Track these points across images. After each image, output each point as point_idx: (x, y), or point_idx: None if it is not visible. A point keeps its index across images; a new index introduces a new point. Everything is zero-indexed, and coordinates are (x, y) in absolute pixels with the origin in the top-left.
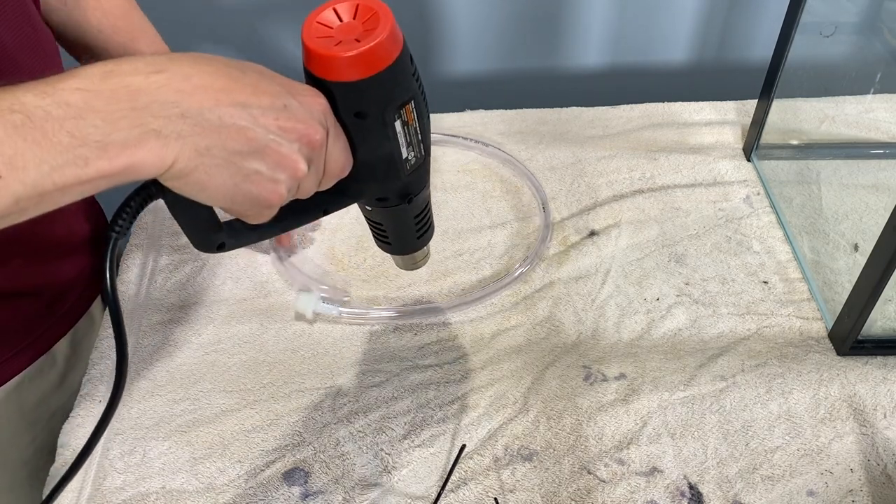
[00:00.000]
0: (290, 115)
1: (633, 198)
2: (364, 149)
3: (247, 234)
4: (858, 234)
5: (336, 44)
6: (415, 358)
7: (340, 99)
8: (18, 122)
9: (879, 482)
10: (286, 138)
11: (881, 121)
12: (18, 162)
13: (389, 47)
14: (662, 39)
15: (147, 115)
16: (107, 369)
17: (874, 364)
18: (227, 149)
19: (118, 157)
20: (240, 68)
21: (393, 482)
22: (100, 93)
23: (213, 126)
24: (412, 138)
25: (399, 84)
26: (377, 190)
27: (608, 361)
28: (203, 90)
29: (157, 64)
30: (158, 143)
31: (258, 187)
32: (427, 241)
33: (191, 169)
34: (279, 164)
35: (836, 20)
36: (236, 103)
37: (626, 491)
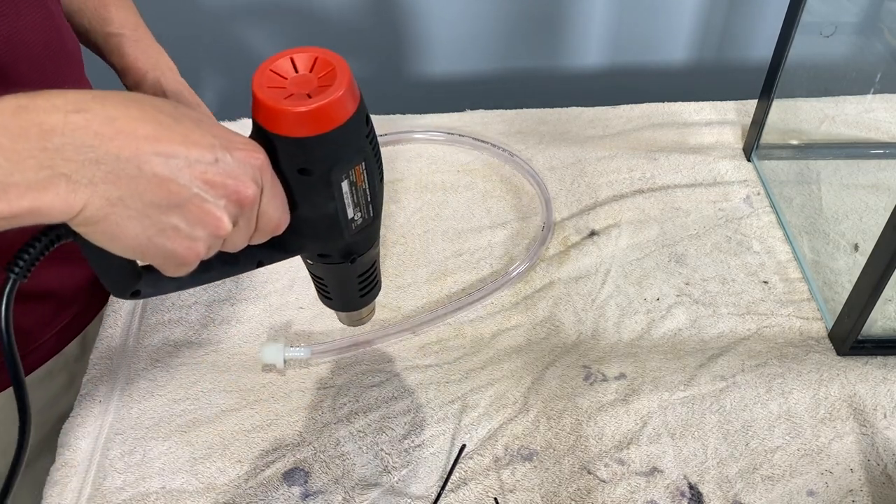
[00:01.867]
0: (219, 169)
1: (633, 198)
2: (306, 206)
3: (166, 284)
4: (858, 234)
5: (287, 96)
6: (415, 358)
7: (284, 154)
8: None
9: (879, 482)
10: (211, 194)
11: (881, 121)
12: None
13: (342, 106)
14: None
15: (58, 157)
16: (107, 369)
17: (874, 364)
18: (142, 200)
19: (20, 199)
20: (173, 116)
21: (393, 482)
22: (7, 129)
23: (130, 176)
24: (360, 199)
25: (349, 145)
26: (319, 247)
27: (608, 361)
28: (125, 136)
29: (78, 102)
30: (67, 187)
31: (173, 243)
32: (371, 299)
33: (100, 217)
34: (200, 220)
35: (836, 20)
36: (160, 153)
37: (626, 491)
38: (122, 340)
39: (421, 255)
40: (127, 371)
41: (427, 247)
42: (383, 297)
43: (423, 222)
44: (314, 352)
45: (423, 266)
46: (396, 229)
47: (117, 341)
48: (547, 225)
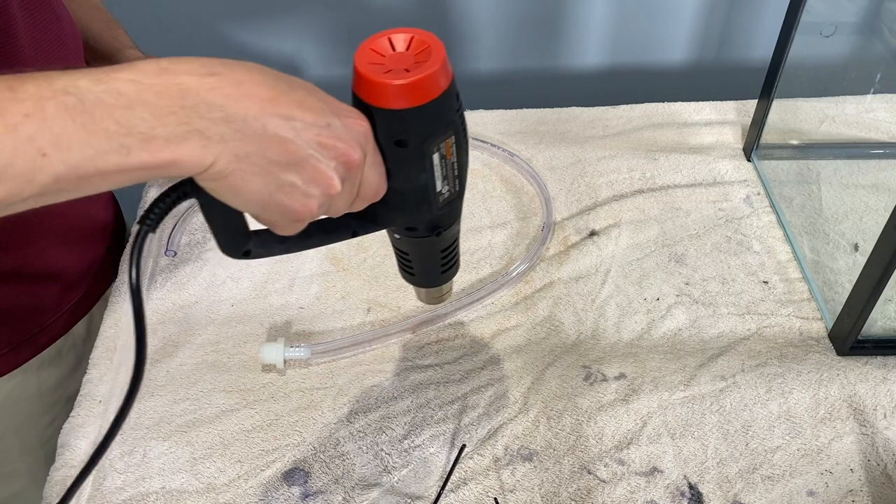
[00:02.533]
0: (331, 133)
1: (633, 198)
2: (399, 177)
3: (274, 246)
4: (858, 234)
5: (386, 71)
6: (415, 358)
7: (383, 126)
8: (70, 105)
9: (879, 482)
10: (324, 155)
11: (881, 121)
12: (64, 142)
13: (438, 80)
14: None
15: (194, 114)
16: (107, 369)
17: (874, 364)
18: (265, 158)
19: (161, 151)
20: (288, 82)
21: (393, 482)
22: (152, 87)
23: (256, 134)
24: (448, 172)
25: (443, 117)
26: (407, 220)
27: (608, 361)
28: (251, 98)
29: (210, 67)
30: (201, 143)
31: (291, 199)
32: (451, 276)
33: (228, 172)
34: (314, 179)
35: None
36: (281, 115)
37: (626, 491)
38: (122, 340)
39: None
40: (127, 371)
41: None
42: (383, 296)
43: None
44: (314, 352)
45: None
46: None
47: (117, 341)
48: (547, 225)
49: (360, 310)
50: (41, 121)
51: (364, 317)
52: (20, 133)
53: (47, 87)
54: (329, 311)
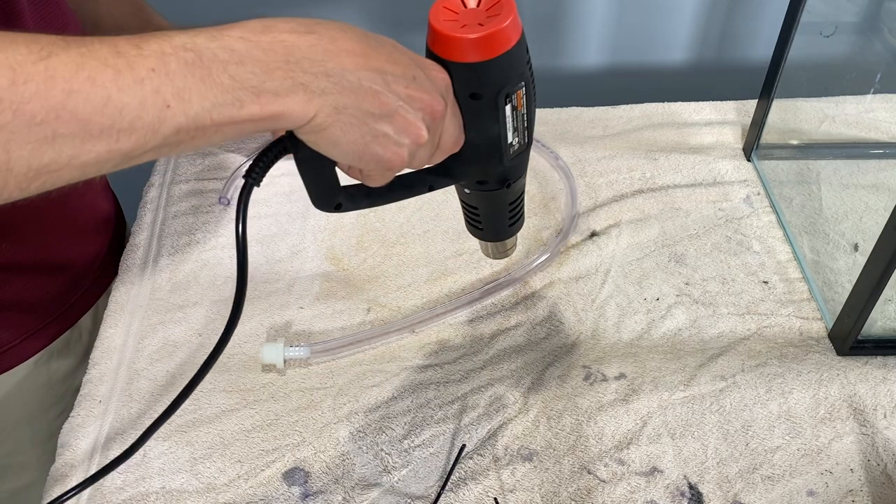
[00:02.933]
0: (417, 85)
1: (633, 198)
2: (474, 130)
3: (360, 200)
4: (858, 234)
5: (461, 27)
6: (415, 358)
7: (458, 79)
8: (190, 60)
9: (879, 482)
10: (413, 106)
11: (881, 121)
12: (185, 95)
13: (510, 33)
14: (662, 39)
15: (298, 69)
16: (107, 369)
17: (874, 364)
18: (361, 109)
19: (269, 104)
20: (376, 38)
21: (393, 482)
22: (259, 44)
23: (353, 87)
24: (519, 124)
25: (514, 69)
26: (479, 172)
27: (608, 361)
28: (346, 53)
29: (308, 25)
30: (304, 96)
31: (384, 149)
32: (517, 230)
33: (328, 124)
34: (404, 129)
35: (836, 20)
36: (373, 68)
37: (626, 491)
38: (122, 340)
39: (421, 255)
40: (127, 371)
41: (427, 247)
42: (383, 296)
43: (424, 222)
44: (314, 351)
45: (423, 266)
46: (396, 229)
47: (117, 341)
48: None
49: (360, 310)
50: (164, 75)
51: (364, 317)
52: (147, 86)
53: (168, 43)
54: (329, 311)
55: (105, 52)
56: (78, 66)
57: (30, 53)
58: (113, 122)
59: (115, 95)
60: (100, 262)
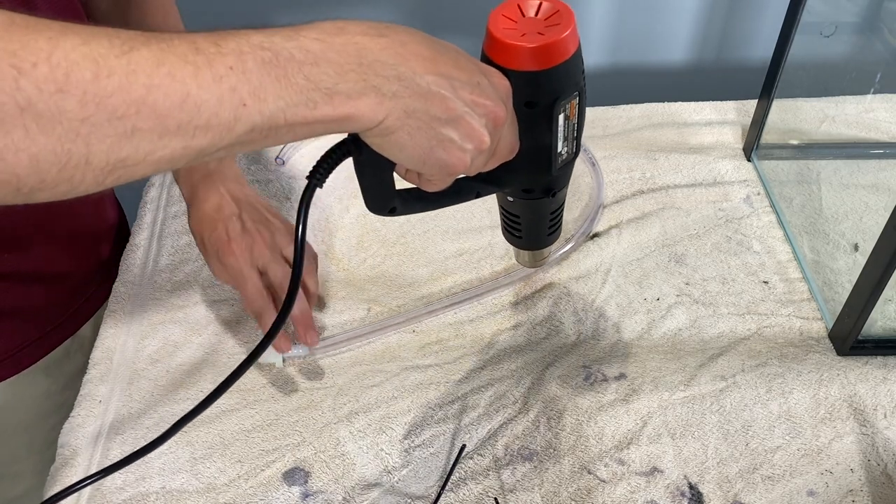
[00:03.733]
0: (481, 91)
1: (633, 198)
2: (526, 138)
3: (414, 204)
4: (858, 234)
5: (520, 35)
6: (415, 358)
7: (515, 87)
8: (267, 59)
9: (879, 482)
10: (477, 112)
11: (881, 121)
12: (261, 94)
13: (569, 44)
14: (662, 39)
15: (370, 72)
16: (107, 369)
17: (874, 364)
18: (429, 113)
19: (342, 105)
20: (441, 44)
21: (393, 482)
22: (332, 45)
23: (422, 91)
24: (569, 133)
25: (570, 79)
26: (526, 181)
27: (608, 361)
28: (416, 57)
29: (379, 28)
30: (376, 99)
31: (448, 154)
32: (555, 239)
33: (396, 128)
34: (469, 135)
35: (836, 20)
36: (441, 73)
37: (626, 491)
38: (122, 340)
39: (421, 254)
40: (127, 371)
41: (427, 247)
42: (383, 296)
43: (424, 222)
44: (312, 349)
45: (423, 266)
46: (396, 229)
47: (117, 341)
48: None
49: (360, 310)
50: (242, 73)
51: (364, 317)
52: (224, 84)
53: (246, 42)
54: (329, 311)
55: (185, 49)
56: (158, 62)
57: (112, 47)
58: (190, 118)
59: (194, 92)
60: (102, 270)
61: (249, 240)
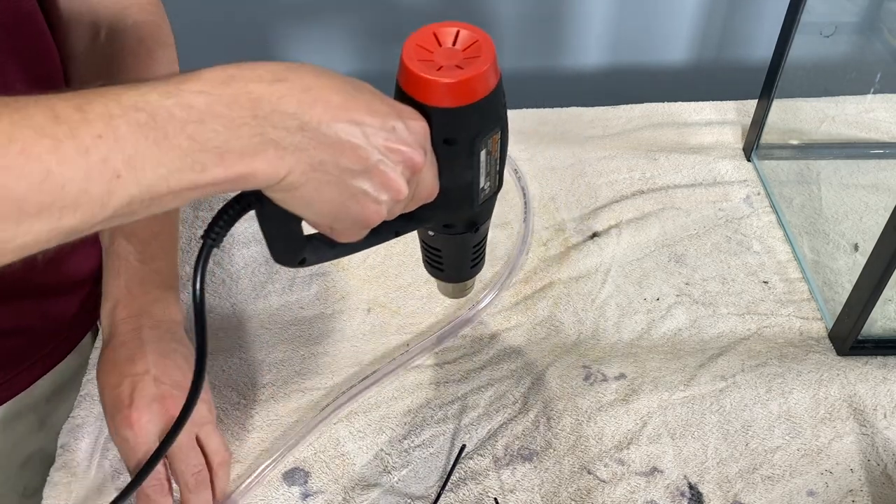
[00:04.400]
0: (397, 137)
1: (633, 198)
2: (446, 176)
3: (326, 251)
4: (858, 234)
5: (437, 69)
6: (415, 358)
7: (434, 124)
8: (142, 121)
9: (879, 482)
10: (392, 160)
11: (881, 121)
12: (138, 162)
13: (489, 78)
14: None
15: (267, 124)
16: None
17: (874, 364)
18: (338, 166)
19: (235, 165)
20: (354, 85)
21: (393, 482)
22: (221, 97)
23: (329, 142)
24: (492, 168)
25: (492, 114)
26: (448, 217)
27: (608, 361)
28: (322, 103)
29: (277, 72)
30: (276, 154)
31: (362, 206)
32: (479, 271)
33: (301, 183)
34: (384, 185)
35: (836, 20)
36: (352, 120)
37: (626, 491)
38: None
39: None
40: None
41: None
42: (383, 296)
43: None
44: None
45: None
46: None
47: None
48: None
49: (361, 310)
50: (113, 141)
51: (364, 317)
52: (93, 156)
53: (116, 103)
54: (329, 311)
55: (42, 118)
56: (10, 138)
57: None
58: (53, 199)
59: (55, 169)
60: (69, 323)
61: (159, 409)
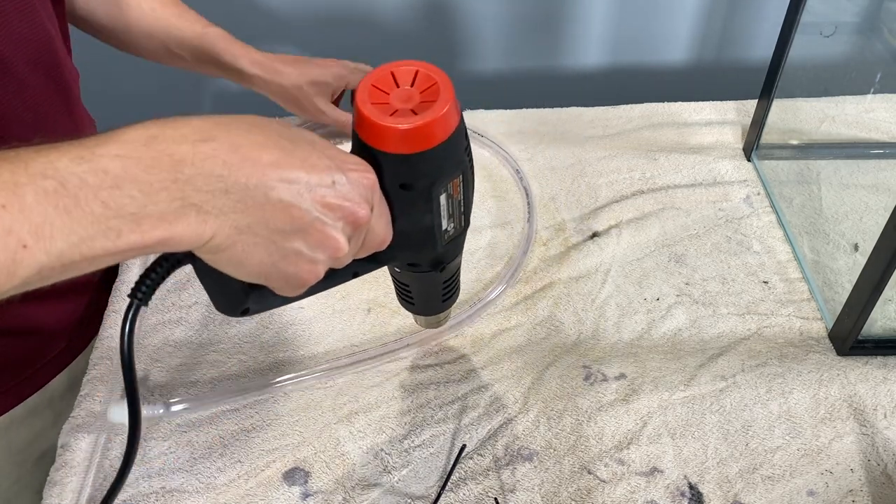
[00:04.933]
0: (337, 192)
1: (633, 198)
2: (404, 219)
3: (272, 300)
4: (858, 234)
5: (391, 113)
6: (415, 358)
7: (388, 170)
8: (50, 189)
9: (879, 482)
10: (330, 217)
11: (881, 121)
12: (46, 231)
13: (447, 122)
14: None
15: (189, 188)
16: (107, 370)
17: (874, 364)
18: (269, 227)
19: (153, 230)
20: (290, 139)
21: (393, 482)
22: (140, 160)
23: (258, 203)
24: (455, 210)
25: (451, 159)
26: (410, 257)
27: (608, 361)
28: (251, 163)
29: (204, 131)
30: (198, 218)
31: (296, 267)
32: (451, 304)
33: (228, 245)
34: (321, 243)
35: (836, 20)
36: (284, 179)
37: (626, 491)
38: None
39: None
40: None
41: None
42: (383, 296)
43: None
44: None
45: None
46: None
47: (117, 341)
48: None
49: (360, 310)
50: (19, 211)
51: (364, 317)
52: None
53: (23, 171)
54: (329, 311)
55: None
56: None
57: None
58: None
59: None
60: (80, 322)
61: None
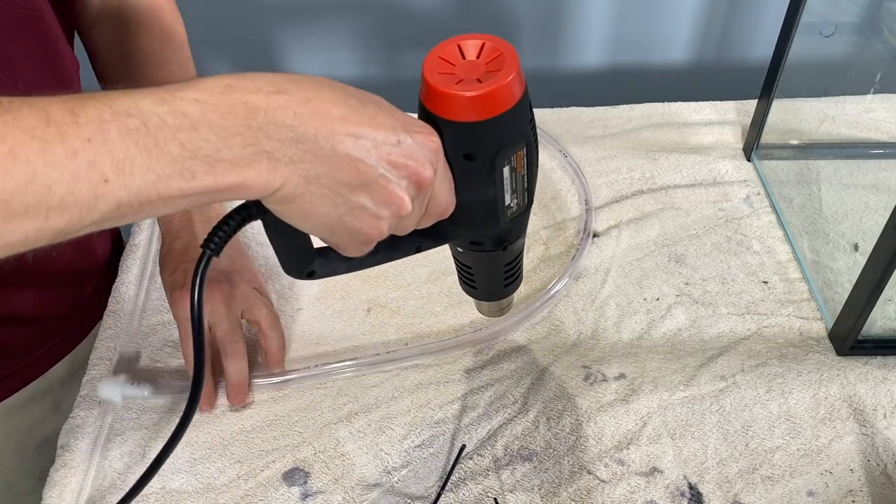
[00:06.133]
0: (402, 151)
1: (633, 198)
2: (467, 191)
3: (338, 265)
4: (858, 234)
5: (457, 82)
6: (415, 358)
7: (452, 138)
8: (133, 127)
9: (879, 482)
10: (395, 175)
11: (881, 121)
12: (126, 167)
13: (511, 91)
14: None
15: (262, 135)
16: (106, 370)
17: (874, 364)
18: (335, 179)
19: (226, 174)
20: (359, 98)
21: (393, 482)
22: (217, 106)
23: (325, 155)
24: (518, 185)
25: (515, 129)
26: (473, 234)
27: (608, 361)
28: (321, 116)
29: (278, 84)
30: (269, 165)
31: (361, 222)
32: (514, 289)
33: (296, 195)
34: (385, 200)
35: (836, 20)
36: (352, 133)
37: (626, 491)
38: (121, 341)
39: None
40: (126, 372)
41: None
42: (383, 296)
43: None
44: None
45: (423, 266)
46: None
47: (116, 342)
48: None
49: (361, 310)
50: (103, 145)
51: (364, 317)
52: (81, 159)
53: (108, 108)
54: (329, 312)
55: (33, 120)
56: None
57: None
58: (39, 200)
59: (41, 171)
60: (83, 309)
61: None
